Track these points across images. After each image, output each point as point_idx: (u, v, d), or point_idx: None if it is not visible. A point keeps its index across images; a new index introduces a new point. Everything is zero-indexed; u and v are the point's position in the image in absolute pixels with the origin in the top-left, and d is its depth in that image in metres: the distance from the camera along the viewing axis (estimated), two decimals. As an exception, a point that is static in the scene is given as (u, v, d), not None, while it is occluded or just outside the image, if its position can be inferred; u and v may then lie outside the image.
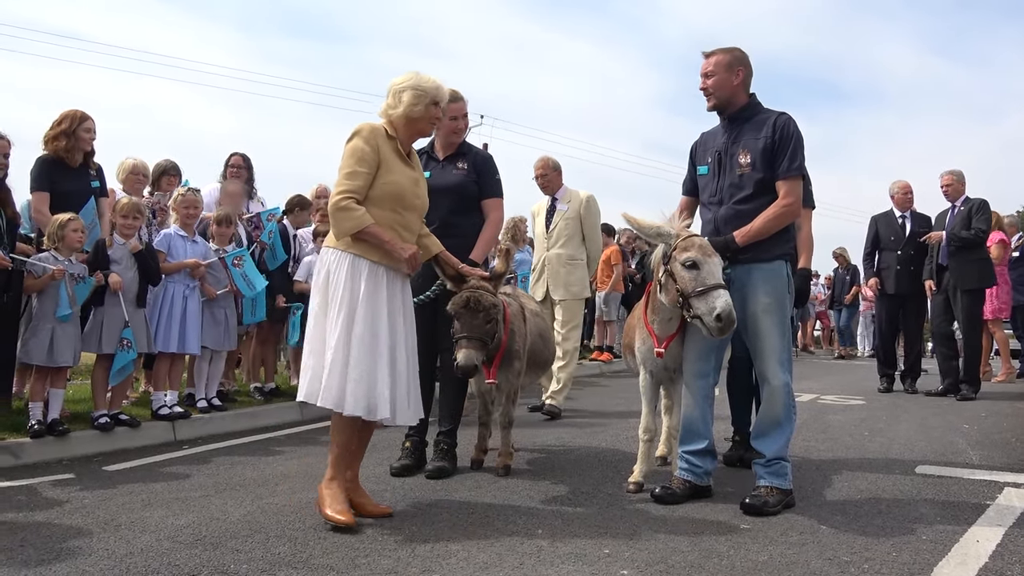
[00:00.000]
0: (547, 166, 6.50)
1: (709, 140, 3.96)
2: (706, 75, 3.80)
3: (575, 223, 6.41)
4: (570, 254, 6.38)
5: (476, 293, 3.74)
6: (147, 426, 5.05)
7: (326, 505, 3.24)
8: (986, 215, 7.45)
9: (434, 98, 3.51)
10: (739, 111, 3.81)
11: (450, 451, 4.24)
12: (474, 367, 3.69)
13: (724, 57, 3.77)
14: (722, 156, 3.81)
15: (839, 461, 4.59)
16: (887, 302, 8.19)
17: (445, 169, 4.29)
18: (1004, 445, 5.10)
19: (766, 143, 3.68)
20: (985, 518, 3.40)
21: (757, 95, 3.87)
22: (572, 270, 6.39)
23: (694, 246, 3.44)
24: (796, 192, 3.66)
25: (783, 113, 3.77)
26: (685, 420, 3.79)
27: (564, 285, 6.35)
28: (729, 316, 3.30)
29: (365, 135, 3.40)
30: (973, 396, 7.32)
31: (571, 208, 6.42)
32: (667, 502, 3.59)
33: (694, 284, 3.38)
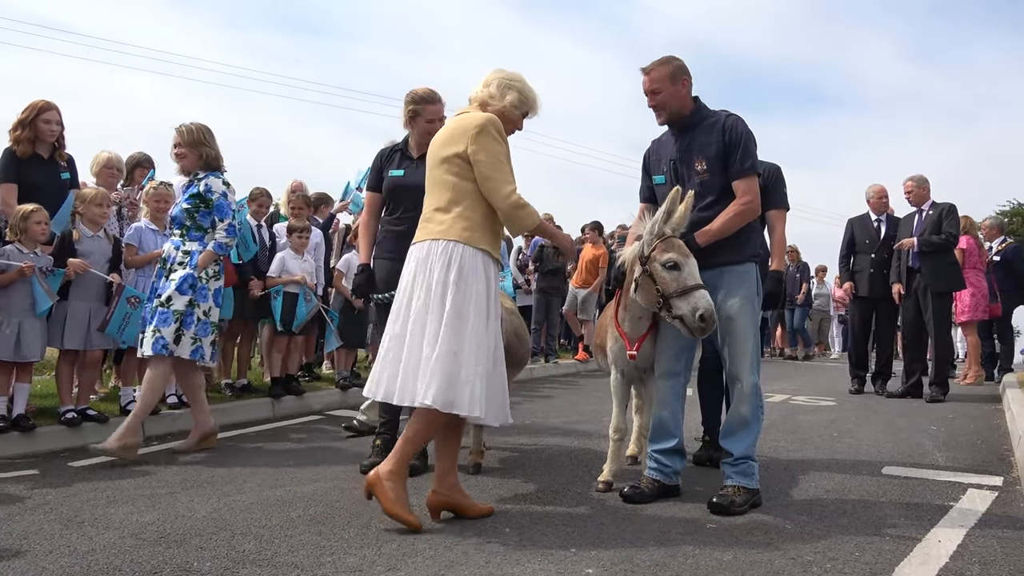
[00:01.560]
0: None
1: (661, 149, 3.97)
2: (652, 92, 3.77)
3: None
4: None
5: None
6: (115, 422, 4.96)
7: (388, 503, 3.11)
8: (955, 219, 7.54)
9: (529, 109, 3.53)
10: (687, 119, 3.82)
11: (421, 449, 4.22)
12: None
13: (666, 69, 3.75)
14: (677, 165, 3.82)
15: (807, 461, 4.63)
16: (860, 304, 8.28)
17: (420, 167, 4.25)
18: (970, 447, 5.17)
19: (718, 147, 3.70)
20: (948, 519, 3.45)
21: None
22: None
23: (674, 247, 3.47)
24: (753, 190, 3.69)
25: (731, 114, 3.80)
26: (655, 419, 3.81)
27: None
28: (712, 316, 3.34)
29: (502, 132, 3.34)
30: (942, 398, 7.41)
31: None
32: (635, 501, 3.60)
33: (676, 285, 3.40)
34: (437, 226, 3.30)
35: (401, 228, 4.23)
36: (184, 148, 4.67)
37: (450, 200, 3.30)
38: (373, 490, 3.16)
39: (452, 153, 3.30)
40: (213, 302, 4.69)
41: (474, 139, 3.26)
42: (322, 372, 7.55)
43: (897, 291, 7.77)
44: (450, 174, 3.31)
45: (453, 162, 3.30)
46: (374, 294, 4.27)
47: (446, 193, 3.32)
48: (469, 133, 3.28)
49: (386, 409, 4.37)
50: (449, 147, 3.33)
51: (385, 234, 4.32)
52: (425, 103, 4.20)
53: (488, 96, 3.45)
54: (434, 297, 3.20)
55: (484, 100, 3.46)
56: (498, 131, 3.32)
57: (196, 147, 4.67)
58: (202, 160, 4.69)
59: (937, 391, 7.46)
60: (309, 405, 6.33)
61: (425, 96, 4.21)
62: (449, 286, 3.19)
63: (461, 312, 3.18)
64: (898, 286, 7.76)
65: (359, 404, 6.47)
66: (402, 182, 4.26)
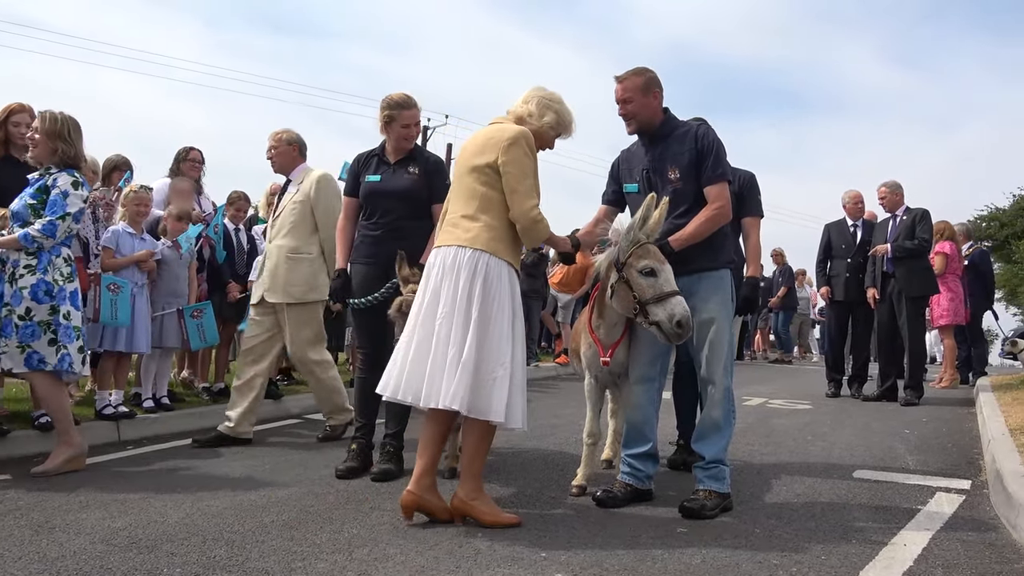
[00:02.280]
0: (279, 140, 5.19)
1: (632, 159, 4.02)
2: (624, 101, 3.82)
3: (303, 208, 5.05)
4: (294, 245, 5.03)
5: (410, 297, 3.76)
6: (90, 426, 4.96)
7: (489, 515, 3.30)
8: (928, 224, 7.65)
9: (564, 131, 3.63)
10: (658, 129, 3.87)
11: (396, 453, 4.24)
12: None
13: (638, 80, 3.80)
14: (650, 175, 3.86)
15: (780, 465, 4.68)
16: (837, 309, 8.37)
17: (396, 173, 4.29)
18: (940, 450, 5.24)
19: (691, 155, 3.76)
20: (915, 522, 3.50)
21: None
22: (296, 264, 5.01)
23: (650, 253, 3.49)
24: (724, 196, 3.75)
25: (701, 123, 3.88)
26: (629, 424, 3.85)
27: (284, 285, 4.99)
28: (688, 322, 3.38)
29: (532, 144, 3.46)
30: (916, 401, 7.50)
31: (301, 189, 5.11)
32: (608, 505, 3.63)
33: (652, 291, 3.43)
34: (464, 232, 3.38)
35: (377, 233, 4.25)
36: (40, 135, 4.27)
37: (478, 208, 3.40)
38: (467, 514, 3.33)
39: (483, 163, 3.41)
40: (71, 305, 4.23)
41: (505, 151, 3.37)
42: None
43: (872, 296, 7.86)
44: (479, 183, 3.42)
45: (483, 171, 3.41)
46: (350, 299, 4.27)
47: (474, 201, 3.41)
48: (501, 145, 3.39)
49: (362, 414, 4.38)
50: (480, 156, 3.44)
51: (362, 239, 4.33)
52: (400, 108, 4.22)
53: (527, 113, 3.56)
54: (459, 304, 3.30)
55: (522, 116, 3.56)
56: (529, 146, 3.44)
57: (53, 139, 4.25)
58: (56, 155, 4.27)
59: (911, 394, 7.55)
60: (287, 409, 6.32)
61: (400, 102, 4.22)
62: (475, 295, 3.31)
63: (487, 321, 3.30)
64: (872, 291, 7.85)
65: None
66: (379, 187, 4.27)
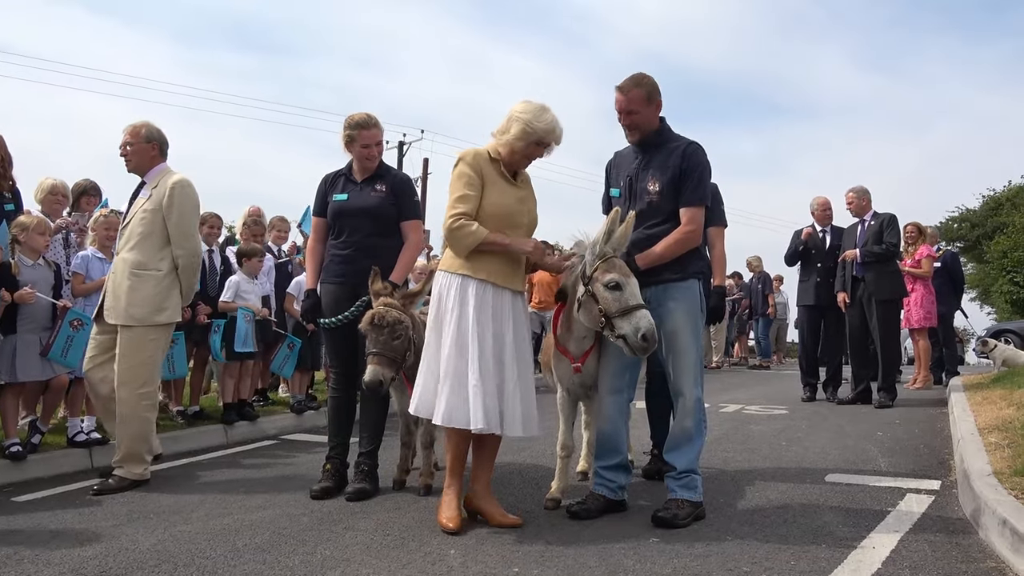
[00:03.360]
0: (136, 134, 4.59)
1: (622, 163, 4.06)
2: (628, 112, 3.84)
3: (154, 217, 4.47)
4: (140, 260, 4.44)
5: (380, 310, 3.79)
6: (62, 453, 4.93)
7: (439, 511, 3.55)
8: (896, 229, 7.79)
9: (541, 139, 3.63)
10: (651, 137, 3.90)
11: (371, 472, 4.24)
12: (379, 383, 3.69)
13: (642, 91, 3.83)
14: (633, 181, 3.91)
15: (754, 471, 4.72)
16: (808, 314, 8.47)
17: (363, 191, 4.30)
18: (912, 451, 5.31)
19: (675, 172, 3.78)
20: (884, 524, 3.55)
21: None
22: (139, 283, 4.43)
23: (615, 267, 3.52)
24: (697, 220, 3.79)
25: (692, 142, 3.88)
26: (600, 436, 3.87)
27: (126, 305, 4.39)
28: (653, 335, 3.41)
29: (469, 160, 3.59)
30: (890, 403, 7.58)
31: (153, 196, 4.49)
32: (581, 517, 3.65)
33: (618, 304, 3.46)
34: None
35: (346, 252, 4.26)
36: None
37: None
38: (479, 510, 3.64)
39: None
40: None
41: (451, 176, 3.61)
42: (277, 396, 7.49)
43: (842, 300, 7.96)
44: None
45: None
46: (320, 319, 4.27)
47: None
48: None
49: (336, 433, 4.37)
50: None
51: (331, 258, 4.33)
52: (360, 128, 4.24)
53: (499, 130, 3.66)
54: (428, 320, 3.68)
55: (495, 132, 3.68)
56: (466, 163, 3.58)
57: None
58: None
59: (885, 397, 7.64)
60: (263, 430, 6.29)
61: (360, 122, 4.25)
62: (431, 309, 3.62)
63: (433, 337, 3.58)
64: (843, 295, 7.95)
65: (314, 428, 6.50)
66: (346, 206, 4.28)
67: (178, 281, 4.54)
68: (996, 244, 29.27)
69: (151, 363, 4.47)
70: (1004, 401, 6.32)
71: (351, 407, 4.43)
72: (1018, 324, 17.86)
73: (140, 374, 4.42)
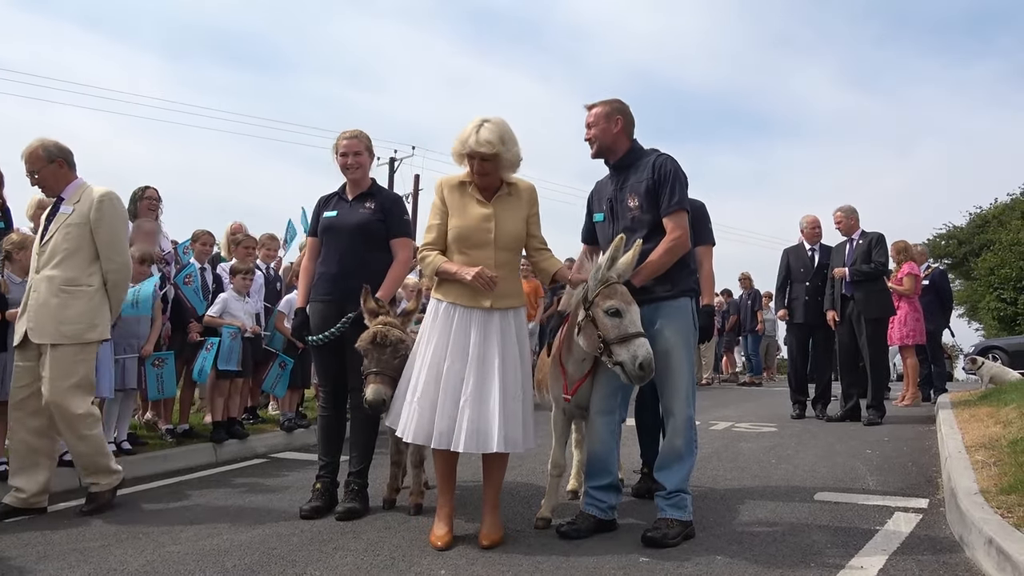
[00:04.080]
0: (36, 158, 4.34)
1: (602, 189, 4.13)
2: (588, 125, 3.97)
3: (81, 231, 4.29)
4: (69, 277, 4.26)
5: (383, 328, 3.79)
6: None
7: (432, 529, 3.64)
8: (884, 248, 7.86)
9: (458, 150, 3.64)
10: (622, 158, 3.98)
11: (361, 492, 4.23)
12: (382, 402, 3.70)
13: (603, 108, 3.95)
14: (614, 203, 3.98)
15: (744, 490, 4.74)
16: (797, 331, 8.53)
17: (353, 208, 4.34)
18: (901, 469, 5.34)
19: (648, 184, 3.85)
20: (872, 544, 3.56)
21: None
22: (71, 299, 4.24)
23: (617, 294, 3.53)
24: (682, 225, 3.82)
25: (661, 153, 3.95)
26: (590, 456, 3.88)
27: (55, 322, 4.19)
28: (651, 365, 3.42)
29: (436, 189, 3.77)
30: (879, 421, 7.62)
31: (78, 210, 4.32)
32: (571, 537, 3.65)
33: (617, 331, 3.47)
34: None
35: (334, 270, 4.27)
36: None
37: None
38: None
39: None
40: None
41: None
42: (267, 414, 7.47)
43: (831, 318, 8.02)
44: None
45: None
46: (309, 336, 4.27)
47: None
48: None
49: (326, 452, 4.37)
50: None
51: (319, 276, 4.35)
52: (341, 138, 4.35)
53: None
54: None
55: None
56: (435, 191, 3.77)
57: None
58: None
59: (874, 414, 7.68)
60: (253, 448, 6.27)
61: (343, 133, 4.38)
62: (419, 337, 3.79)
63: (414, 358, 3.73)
64: (832, 313, 8.01)
65: (304, 446, 6.48)
66: (335, 222, 4.31)
67: (107, 297, 4.39)
68: (983, 261, 29.48)
69: (86, 383, 4.28)
70: (991, 419, 6.36)
71: (340, 425, 4.43)
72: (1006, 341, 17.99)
73: (76, 395, 4.21)
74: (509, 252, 3.72)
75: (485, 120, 3.59)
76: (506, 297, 3.68)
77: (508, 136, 3.60)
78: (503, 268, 3.66)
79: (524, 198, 3.77)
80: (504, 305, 3.67)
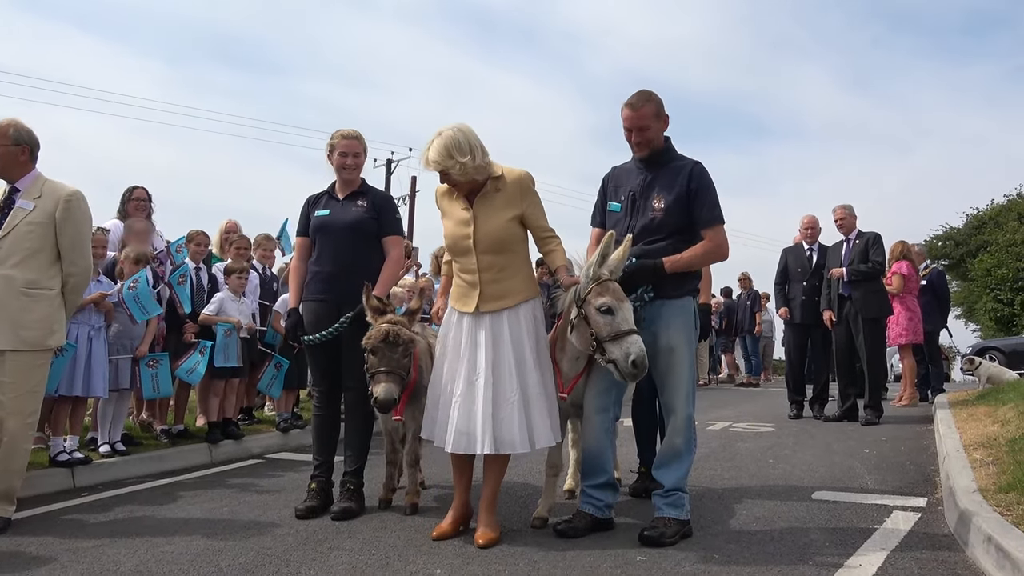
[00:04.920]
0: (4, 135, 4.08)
1: (622, 176, 4.03)
2: (641, 128, 3.83)
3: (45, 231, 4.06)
4: (31, 279, 4.01)
5: (394, 327, 3.74)
6: (44, 473, 4.86)
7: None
8: (880, 248, 7.84)
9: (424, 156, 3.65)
10: (656, 155, 3.89)
11: (356, 491, 4.21)
12: (393, 401, 3.64)
13: (652, 108, 3.84)
14: (636, 197, 3.89)
15: (741, 489, 4.72)
16: (794, 331, 8.52)
17: (344, 207, 4.31)
18: (899, 468, 5.32)
19: (681, 191, 3.78)
20: (871, 542, 3.54)
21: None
22: (33, 303, 4.00)
23: (608, 291, 3.50)
24: (723, 237, 3.80)
25: (698, 162, 3.88)
26: (586, 454, 3.86)
27: (14, 327, 3.93)
28: (643, 362, 3.39)
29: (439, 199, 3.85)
30: (876, 421, 7.61)
31: (40, 207, 4.07)
32: (568, 536, 3.63)
33: (609, 329, 3.44)
34: None
35: (327, 270, 4.25)
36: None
37: None
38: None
39: None
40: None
41: None
42: (262, 414, 7.44)
43: (828, 318, 8.00)
44: None
45: None
46: (304, 336, 4.24)
47: None
48: None
49: (321, 452, 4.35)
50: None
51: (312, 276, 4.32)
52: (341, 138, 4.32)
53: None
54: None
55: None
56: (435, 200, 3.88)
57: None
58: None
59: (872, 414, 7.67)
60: (248, 449, 6.23)
61: (342, 133, 4.34)
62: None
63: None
64: (828, 313, 8.00)
65: (299, 446, 6.46)
66: (327, 221, 4.29)
67: (64, 304, 4.18)
68: (980, 262, 29.53)
69: (39, 389, 4.10)
70: (989, 418, 6.35)
71: (335, 425, 4.41)
72: (1002, 341, 18.01)
73: (29, 403, 4.00)
74: (493, 255, 3.64)
75: (437, 134, 3.58)
76: (498, 299, 3.64)
77: (457, 147, 3.53)
78: (489, 271, 3.64)
79: (512, 192, 3.66)
80: (495, 308, 3.64)
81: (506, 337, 3.62)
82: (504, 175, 3.68)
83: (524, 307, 3.70)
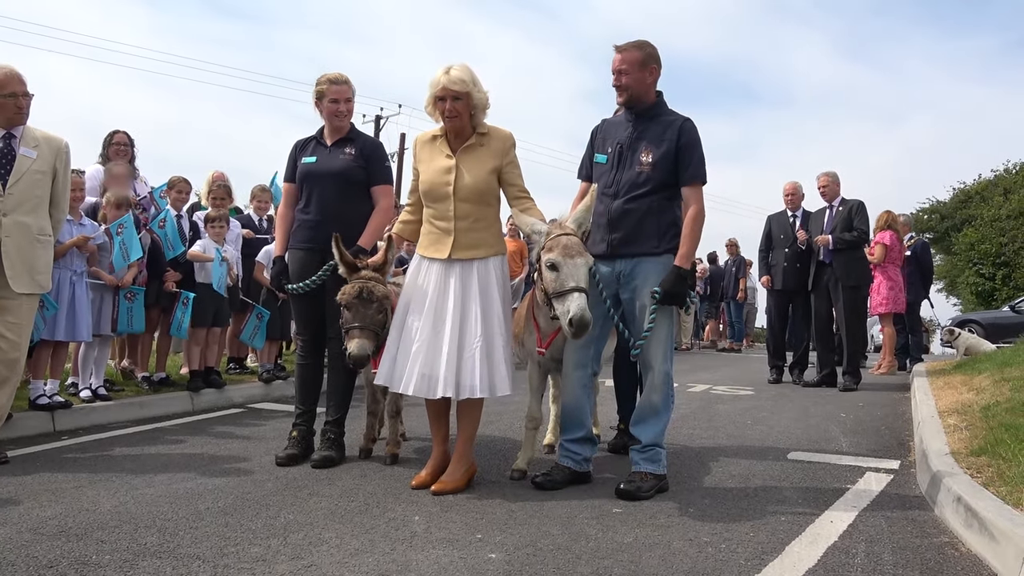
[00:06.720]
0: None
1: (611, 129, 4.00)
2: (620, 72, 3.80)
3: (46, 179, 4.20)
4: (41, 225, 4.19)
5: (368, 284, 3.73)
6: (23, 416, 4.85)
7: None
8: (864, 216, 7.87)
9: (433, 93, 3.63)
10: (646, 108, 3.86)
11: (337, 440, 4.23)
12: (367, 357, 3.67)
13: (638, 54, 3.79)
14: (623, 150, 3.86)
15: (719, 448, 4.78)
16: (776, 297, 8.57)
17: (332, 154, 4.25)
18: (874, 432, 5.40)
19: (670, 146, 3.75)
20: (843, 501, 3.61)
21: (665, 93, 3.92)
22: (43, 250, 4.20)
23: (558, 246, 3.43)
24: (699, 198, 3.77)
25: (688, 119, 3.84)
26: (565, 408, 3.89)
27: (30, 271, 4.11)
28: (580, 320, 3.27)
29: (412, 147, 3.87)
30: (854, 387, 7.71)
31: (42, 156, 4.16)
32: (546, 488, 3.67)
33: (554, 285, 3.41)
34: None
35: (314, 218, 4.21)
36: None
37: None
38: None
39: None
40: None
41: None
42: (247, 364, 7.43)
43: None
44: None
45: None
46: (288, 284, 4.22)
47: None
48: None
49: (303, 400, 4.36)
50: None
51: (299, 224, 4.28)
52: (330, 84, 4.22)
53: None
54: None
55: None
56: (412, 148, 3.90)
57: None
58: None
59: (850, 380, 7.76)
60: (230, 398, 6.24)
61: (331, 78, 4.23)
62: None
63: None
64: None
65: (282, 397, 6.47)
66: (314, 168, 4.23)
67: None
68: (964, 236, 29.73)
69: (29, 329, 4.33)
70: (965, 386, 6.45)
71: (318, 374, 4.41)
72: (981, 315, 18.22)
73: (26, 343, 4.29)
74: (471, 204, 3.66)
75: (452, 65, 3.63)
76: (470, 248, 3.67)
77: (476, 78, 3.65)
78: (465, 220, 3.66)
79: (495, 148, 3.71)
80: (467, 256, 3.66)
81: (475, 286, 3.64)
82: (490, 132, 3.74)
83: (494, 260, 3.74)
